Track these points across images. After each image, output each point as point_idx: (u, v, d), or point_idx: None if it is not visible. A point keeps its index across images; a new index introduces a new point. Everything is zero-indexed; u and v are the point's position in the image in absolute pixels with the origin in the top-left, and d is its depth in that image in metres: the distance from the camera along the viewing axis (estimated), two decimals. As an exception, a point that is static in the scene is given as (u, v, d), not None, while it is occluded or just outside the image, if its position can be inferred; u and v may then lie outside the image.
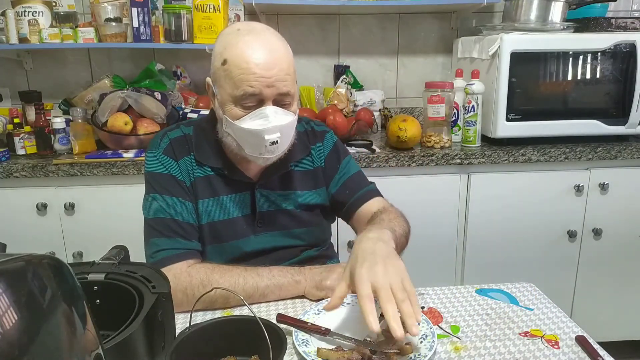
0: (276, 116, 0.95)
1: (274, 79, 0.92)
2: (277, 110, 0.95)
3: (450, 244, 1.88)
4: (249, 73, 0.91)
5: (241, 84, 0.92)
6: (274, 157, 1.01)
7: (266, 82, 0.92)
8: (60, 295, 0.43)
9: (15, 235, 1.73)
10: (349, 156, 1.21)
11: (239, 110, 0.95)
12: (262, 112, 0.94)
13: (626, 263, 1.94)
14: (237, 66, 0.92)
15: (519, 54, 1.79)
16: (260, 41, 0.94)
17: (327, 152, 1.16)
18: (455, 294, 1.00)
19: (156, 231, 1.00)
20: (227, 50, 0.94)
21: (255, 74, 0.91)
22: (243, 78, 0.92)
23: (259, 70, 0.92)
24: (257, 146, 0.97)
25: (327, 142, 1.17)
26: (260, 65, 0.92)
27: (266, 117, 0.94)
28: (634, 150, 1.83)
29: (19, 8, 1.86)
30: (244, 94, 0.92)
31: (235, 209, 1.06)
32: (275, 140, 0.96)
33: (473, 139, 1.88)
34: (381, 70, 2.34)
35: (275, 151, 0.99)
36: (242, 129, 0.95)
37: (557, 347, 0.82)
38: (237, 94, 0.93)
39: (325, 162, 1.15)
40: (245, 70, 0.92)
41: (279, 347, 0.68)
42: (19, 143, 1.84)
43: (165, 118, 1.85)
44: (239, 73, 0.92)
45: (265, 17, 2.17)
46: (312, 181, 1.14)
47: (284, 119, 0.96)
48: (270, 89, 0.93)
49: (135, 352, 0.62)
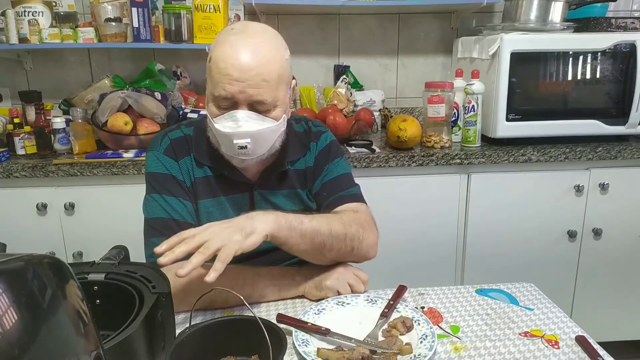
0: (247, 122, 0.93)
1: (246, 84, 0.91)
2: (251, 115, 0.93)
3: (450, 244, 1.88)
4: (224, 74, 0.91)
5: (217, 84, 0.92)
6: (250, 160, 0.99)
7: (240, 86, 0.91)
8: (60, 295, 0.43)
9: (15, 235, 1.73)
10: (339, 158, 1.16)
11: (215, 109, 0.95)
12: (233, 115, 0.93)
13: (626, 263, 1.94)
14: (217, 65, 0.92)
15: (519, 54, 1.79)
16: (245, 43, 0.92)
17: (318, 151, 1.14)
18: (455, 294, 1.00)
19: (156, 231, 1.00)
20: (214, 48, 0.95)
21: (230, 76, 0.90)
22: (219, 78, 0.91)
23: (234, 73, 0.90)
24: (229, 147, 0.96)
25: (320, 142, 1.14)
26: (236, 67, 0.90)
27: (236, 121, 0.93)
28: (634, 150, 1.83)
29: (19, 8, 1.86)
30: (219, 95, 0.92)
31: (234, 210, 1.06)
32: (244, 145, 0.94)
33: (473, 139, 1.88)
34: (381, 70, 2.34)
35: (249, 154, 0.97)
36: (216, 128, 0.95)
37: (557, 347, 0.82)
38: (214, 93, 0.93)
39: (314, 161, 1.13)
40: (222, 70, 0.91)
41: (279, 347, 0.68)
42: (19, 143, 1.84)
43: (165, 118, 1.85)
44: (217, 72, 0.92)
45: (265, 17, 2.17)
46: (304, 180, 1.12)
47: (256, 126, 0.94)
48: (242, 95, 0.91)
49: (135, 352, 0.62)
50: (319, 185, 1.12)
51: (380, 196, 1.75)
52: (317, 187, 1.12)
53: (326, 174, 1.12)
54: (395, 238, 1.80)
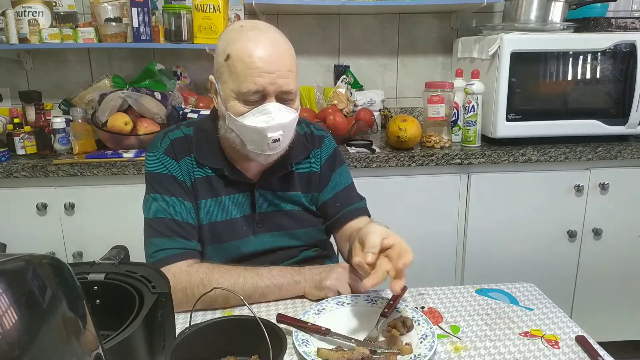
0: (279, 113, 0.95)
1: (276, 74, 0.92)
2: (280, 107, 0.95)
3: (450, 244, 1.88)
4: (253, 67, 0.91)
5: (245, 79, 0.92)
6: (275, 155, 1.01)
7: (270, 77, 0.92)
8: (60, 295, 0.43)
9: (15, 235, 1.73)
10: (344, 165, 1.19)
11: (242, 106, 0.95)
12: (265, 108, 0.94)
13: (626, 263, 1.94)
14: (241, 60, 0.92)
15: (519, 54, 1.79)
16: (263, 36, 0.94)
17: (325, 158, 1.15)
18: (455, 294, 1.00)
19: (156, 231, 1.00)
20: (230, 46, 0.94)
21: (259, 69, 0.91)
22: (247, 73, 0.92)
23: (262, 65, 0.91)
24: (260, 143, 0.96)
25: (325, 148, 1.16)
26: (263, 60, 0.91)
27: (269, 114, 0.94)
28: (634, 150, 1.83)
29: (19, 8, 1.86)
30: (248, 90, 0.92)
31: (235, 210, 1.06)
32: (277, 138, 0.96)
33: (473, 139, 1.88)
34: (381, 70, 2.34)
35: (277, 148, 0.99)
36: (245, 125, 0.95)
37: (557, 347, 0.82)
38: (241, 89, 0.93)
39: (321, 168, 1.14)
40: (249, 64, 0.91)
41: (279, 347, 0.68)
42: (19, 143, 1.84)
43: (165, 118, 1.85)
44: (243, 68, 0.92)
45: (265, 17, 2.17)
46: (307, 185, 1.13)
47: (287, 117, 0.96)
48: (272, 86, 0.93)
49: (135, 352, 0.62)
50: (330, 194, 1.14)
51: (380, 196, 1.75)
52: (325, 196, 1.14)
53: (335, 184, 1.15)
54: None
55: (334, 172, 1.15)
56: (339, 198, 1.14)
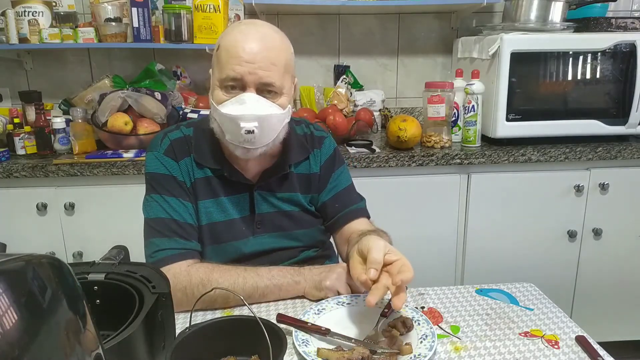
0: (256, 104, 0.94)
1: (257, 65, 0.92)
2: (259, 98, 0.94)
3: (450, 244, 1.88)
4: (235, 56, 0.92)
5: (225, 66, 0.93)
6: (255, 150, 0.98)
7: (249, 67, 0.92)
8: (60, 295, 0.43)
9: (15, 235, 1.73)
10: (343, 166, 1.18)
11: (223, 94, 0.95)
12: (241, 98, 0.94)
13: (626, 263, 1.94)
14: (226, 50, 0.94)
15: (519, 54, 1.79)
16: (254, 30, 0.95)
17: (325, 159, 1.15)
18: (455, 294, 1.00)
19: (156, 231, 1.00)
20: (222, 38, 0.97)
21: (240, 58, 0.92)
22: (228, 61, 0.93)
23: (244, 55, 0.92)
24: (235, 133, 0.95)
25: (325, 148, 1.15)
26: (246, 50, 0.92)
27: (244, 103, 0.93)
28: (634, 150, 1.83)
29: (19, 8, 1.86)
30: (227, 77, 0.93)
31: (234, 210, 1.06)
32: (251, 129, 0.93)
33: (473, 139, 1.88)
34: (381, 70, 2.34)
35: (255, 142, 0.96)
36: (222, 113, 0.95)
37: (557, 347, 0.82)
38: (222, 76, 0.94)
39: (321, 169, 1.14)
40: (233, 53, 0.93)
41: (279, 347, 0.68)
42: (19, 143, 1.84)
43: (165, 118, 1.85)
44: (226, 56, 0.93)
45: (265, 17, 2.17)
46: (307, 186, 1.13)
47: (264, 110, 0.94)
48: (252, 76, 0.93)
49: (135, 352, 0.62)
50: (329, 195, 1.14)
51: (380, 196, 1.75)
52: (325, 197, 1.14)
53: (334, 185, 1.14)
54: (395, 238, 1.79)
55: (334, 173, 1.15)
56: (339, 199, 1.14)
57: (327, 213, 1.14)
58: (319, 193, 1.14)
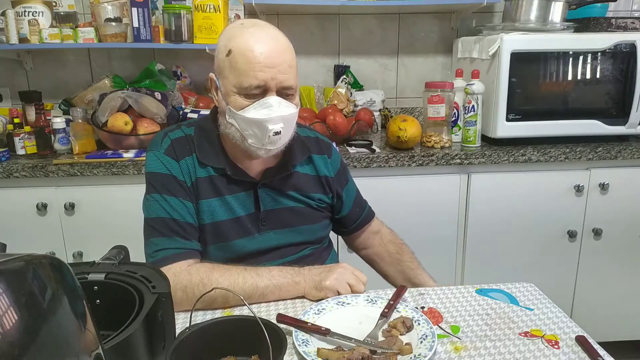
0: (280, 106, 0.96)
1: (277, 69, 0.94)
2: (281, 101, 0.97)
3: (450, 244, 1.88)
4: (254, 62, 0.93)
5: (246, 74, 0.94)
6: (274, 149, 1.02)
7: (271, 72, 0.94)
8: (60, 295, 0.43)
9: (15, 235, 1.73)
10: (349, 173, 1.26)
11: (243, 100, 0.96)
12: (266, 102, 0.95)
13: (626, 263, 1.94)
14: (242, 55, 0.94)
15: (519, 54, 1.79)
16: (264, 32, 0.96)
17: (338, 167, 1.20)
18: (455, 294, 1.00)
19: (156, 231, 1.00)
20: (232, 42, 0.96)
21: (260, 63, 0.93)
22: (248, 67, 0.93)
23: (263, 60, 0.93)
24: (261, 136, 0.97)
25: (335, 156, 1.20)
26: (264, 55, 0.93)
27: (270, 107, 0.95)
28: (634, 150, 1.83)
29: (19, 8, 1.86)
30: (250, 85, 0.94)
31: (239, 208, 1.06)
32: (278, 131, 0.97)
33: (473, 139, 1.88)
34: (381, 70, 2.34)
35: (278, 142, 0.99)
36: (246, 118, 0.96)
37: (557, 347, 0.82)
38: (243, 84, 0.94)
39: (335, 175, 1.18)
40: (251, 59, 0.93)
41: (279, 347, 0.68)
42: (19, 143, 1.84)
43: (165, 118, 1.85)
44: (244, 62, 0.93)
45: (265, 17, 2.17)
46: (317, 186, 1.15)
47: (287, 110, 0.97)
48: (274, 81, 0.95)
49: (135, 352, 0.62)
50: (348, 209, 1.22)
51: (380, 196, 1.74)
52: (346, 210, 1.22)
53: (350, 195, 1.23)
54: (395, 238, 1.80)
55: (348, 182, 1.22)
56: (357, 203, 1.25)
57: (351, 218, 1.24)
58: (337, 196, 1.19)
